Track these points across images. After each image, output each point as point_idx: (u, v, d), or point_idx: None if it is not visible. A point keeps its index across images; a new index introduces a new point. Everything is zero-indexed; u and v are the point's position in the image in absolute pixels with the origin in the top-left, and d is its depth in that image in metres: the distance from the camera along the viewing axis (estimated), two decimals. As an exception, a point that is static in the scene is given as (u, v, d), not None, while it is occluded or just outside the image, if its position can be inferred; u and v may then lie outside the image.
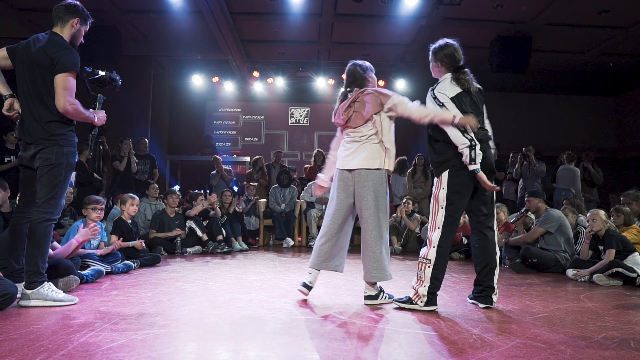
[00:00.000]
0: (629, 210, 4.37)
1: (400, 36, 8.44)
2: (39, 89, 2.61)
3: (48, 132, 2.60)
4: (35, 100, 2.62)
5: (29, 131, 2.62)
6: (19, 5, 7.40)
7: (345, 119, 2.94)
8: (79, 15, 2.75)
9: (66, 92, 2.58)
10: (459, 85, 2.81)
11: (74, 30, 2.75)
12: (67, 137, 2.67)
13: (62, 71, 2.57)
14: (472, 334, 2.11)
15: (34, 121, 2.61)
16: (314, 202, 6.98)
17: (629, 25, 7.75)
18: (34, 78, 2.62)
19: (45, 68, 2.59)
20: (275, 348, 1.88)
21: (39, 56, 2.59)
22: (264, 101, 11.48)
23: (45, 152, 2.59)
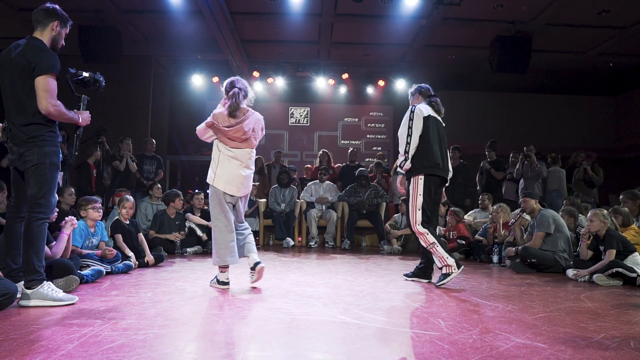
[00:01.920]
0: (627, 210, 4.37)
1: (400, 36, 8.44)
2: (18, 93, 2.64)
3: (27, 134, 2.62)
4: (14, 105, 2.65)
5: (12, 135, 2.67)
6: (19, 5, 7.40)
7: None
8: (59, 18, 2.77)
9: (47, 94, 2.60)
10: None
11: (54, 34, 2.76)
12: (46, 137, 2.67)
13: (41, 73, 2.59)
14: (472, 334, 2.11)
15: (14, 125, 2.65)
16: (314, 202, 6.98)
17: (629, 25, 7.75)
18: (14, 83, 2.65)
19: (25, 72, 2.61)
20: (275, 348, 1.88)
21: (18, 61, 2.61)
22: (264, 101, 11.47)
23: (26, 155, 2.62)
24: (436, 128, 3.60)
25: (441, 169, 3.58)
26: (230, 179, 3.25)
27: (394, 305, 2.75)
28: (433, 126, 3.57)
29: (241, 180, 3.28)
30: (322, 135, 11.97)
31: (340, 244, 6.81)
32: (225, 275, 3.26)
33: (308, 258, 5.34)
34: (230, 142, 3.25)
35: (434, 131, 3.57)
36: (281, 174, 7.14)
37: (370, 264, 4.86)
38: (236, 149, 3.26)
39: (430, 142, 3.54)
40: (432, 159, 3.53)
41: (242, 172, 3.29)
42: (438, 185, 3.64)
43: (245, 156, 3.30)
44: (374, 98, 11.39)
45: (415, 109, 3.57)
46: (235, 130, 3.20)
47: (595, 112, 10.95)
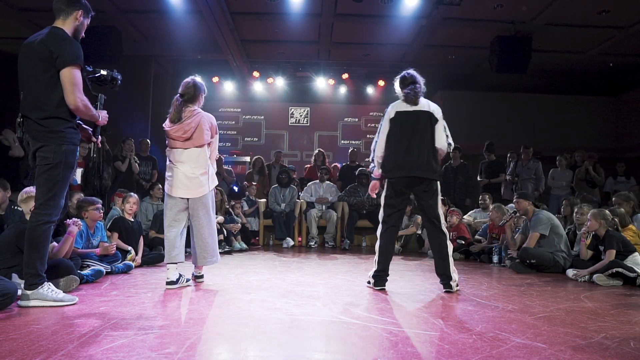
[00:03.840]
0: (623, 211, 4.37)
1: (400, 36, 8.43)
2: (39, 84, 2.53)
3: (46, 128, 2.51)
4: (33, 97, 2.54)
5: (28, 129, 2.57)
6: (19, 5, 7.40)
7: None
8: (82, 7, 2.67)
9: (74, 87, 2.51)
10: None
11: (77, 23, 2.66)
12: (66, 134, 2.57)
13: (65, 65, 2.49)
14: (472, 334, 2.11)
15: (31, 119, 2.54)
16: (314, 202, 6.98)
17: (629, 25, 7.75)
18: (35, 74, 2.55)
19: (47, 62, 2.50)
20: (275, 348, 1.88)
21: (39, 50, 2.51)
22: (264, 101, 11.47)
23: (43, 151, 2.52)
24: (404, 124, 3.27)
25: (403, 168, 3.25)
26: (175, 181, 3.27)
27: (394, 305, 2.75)
28: (399, 123, 3.28)
29: (184, 181, 3.25)
30: (322, 135, 11.97)
31: (340, 244, 6.81)
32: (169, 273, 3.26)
33: (308, 258, 5.34)
34: (172, 142, 3.30)
35: (396, 128, 3.28)
36: (281, 173, 7.14)
37: (370, 264, 4.84)
38: (181, 149, 3.27)
39: (392, 143, 3.30)
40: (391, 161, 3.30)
41: (189, 172, 3.25)
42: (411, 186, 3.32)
43: (192, 156, 3.27)
44: (374, 98, 11.39)
45: (386, 111, 3.38)
46: (175, 130, 3.25)
47: (595, 112, 10.94)
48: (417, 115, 3.29)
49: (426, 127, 3.28)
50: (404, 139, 3.26)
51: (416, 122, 3.28)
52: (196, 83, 3.37)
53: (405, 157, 3.24)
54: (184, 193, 3.27)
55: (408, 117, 3.29)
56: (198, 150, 3.28)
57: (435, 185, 3.33)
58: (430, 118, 3.29)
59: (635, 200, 4.82)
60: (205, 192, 3.30)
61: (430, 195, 3.31)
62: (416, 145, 3.24)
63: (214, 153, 3.42)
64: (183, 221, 3.35)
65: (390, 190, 3.39)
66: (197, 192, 3.28)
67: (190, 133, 3.24)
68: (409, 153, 3.24)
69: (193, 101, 3.35)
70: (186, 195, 3.28)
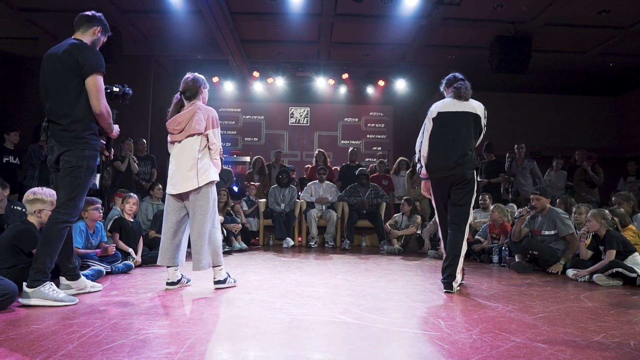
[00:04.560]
0: (623, 211, 4.37)
1: (400, 36, 8.44)
2: (66, 92, 2.67)
3: (71, 134, 2.66)
4: (60, 104, 2.67)
5: (54, 134, 2.70)
6: (19, 5, 7.40)
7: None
8: (102, 25, 2.91)
9: (100, 94, 2.69)
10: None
11: (95, 38, 2.87)
12: (89, 140, 2.72)
13: (90, 73, 2.66)
14: (472, 334, 2.11)
15: (58, 124, 2.67)
16: (314, 202, 6.98)
17: (629, 25, 7.75)
18: (62, 82, 2.68)
19: (73, 70, 2.65)
20: (275, 348, 1.88)
21: (66, 59, 2.66)
22: (264, 101, 11.48)
23: (67, 155, 2.66)
24: (445, 125, 3.38)
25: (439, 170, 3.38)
26: (171, 177, 3.20)
27: (394, 305, 2.75)
28: (441, 123, 3.39)
29: (173, 176, 3.17)
30: (322, 135, 11.97)
31: (340, 244, 6.81)
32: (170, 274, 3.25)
33: (308, 258, 5.34)
34: (170, 136, 3.25)
35: (438, 131, 3.40)
36: (280, 173, 7.14)
37: (370, 264, 4.86)
38: (178, 142, 3.21)
39: (432, 143, 3.42)
40: (432, 163, 3.43)
41: (176, 166, 3.17)
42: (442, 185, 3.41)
43: (186, 148, 3.16)
44: (374, 98, 11.40)
45: (429, 111, 3.49)
46: (170, 122, 3.22)
47: (595, 112, 10.94)
48: (460, 116, 3.38)
49: (468, 128, 3.38)
50: (445, 139, 3.38)
51: (459, 122, 3.38)
52: (196, 77, 3.30)
53: (445, 157, 3.35)
54: (172, 189, 3.17)
55: (450, 117, 3.39)
56: (189, 141, 3.15)
57: (471, 185, 3.38)
58: (475, 119, 3.40)
59: (635, 200, 4.81)
60: (189, 187, 3.09)
61: (464, 193, 3.37)
62: (457, 145, 3.34)
63: (214, 146, 3.22)
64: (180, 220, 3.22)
65: (436, 190, 3.49)
66: (183, 186, 3.11)
67: (183, 125, 3.16)
68: (448, 152, 3.35)
69: (195, 97, 3.27)
70: (173, 190, 3.16)
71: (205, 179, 3.13)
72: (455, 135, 3.36)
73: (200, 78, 3.33)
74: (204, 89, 3.34)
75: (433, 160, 3.41)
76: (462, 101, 3.41)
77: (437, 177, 3.42)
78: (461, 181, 3.34)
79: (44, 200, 3.07)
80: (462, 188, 3.35)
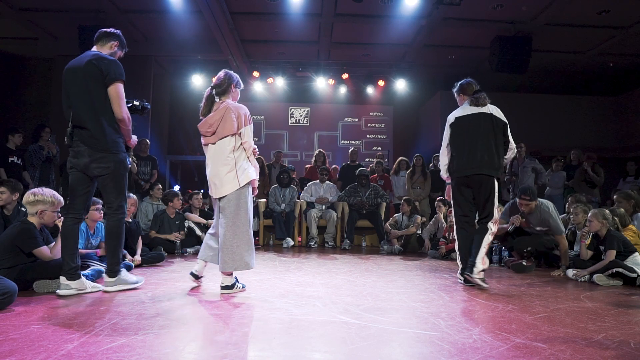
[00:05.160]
0: (623, 211, 4.37)
1: (400, 36, 8.44)
2: (93, 100, 2.85)
3: (104, 140, 2.85)
4: (89, 111, 2.85)
5: (83, 140, 2.85)
6: (19, 5, 7.40)
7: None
8: (119, 40, 3.10)
9: (121, 101, 2.89)
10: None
11: (112, 52, 3.05)
12: (119, 143, 2.94)
13: (113, 81, 2.85)
14: (472, 334, 2.11)
15: (87, 130, 2.84)
16: (314, 202, 6.98)
17: (629, 25, 7.75)
18: (88, 90, 2.85)
19: (98, 79, 2.84)
20: (275, 348, 1.88)
21: (91, 69, 2.84)
22: (264, 101, 11.48)
23: (103, 161, 2.85)
24: (465, 128, 3.58)
25: (465, 168, 3.54)
26: (210, 180, 3.14)
27: (394, 305, 2.75)
28: (461, 126, 3.59)
29: (212, 179, 3.09)
30: (322, 135, 11.97)
31: (340, 244, 6.81)
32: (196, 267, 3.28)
33: (308, 258, 5.34)
34: (203, 138, 3.15)
35: (460, 132, 3.59)
36: (281, 173, 7.14)
37: (370, 264, 4.86)
38: (211, 144, 3.10)
39: (456, 145, 3.60)
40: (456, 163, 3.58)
41: (213, 169, 3.08)
42: (466, 185, 3.59)
43: (220, 150, 3.05)
44: (374, 98, 11.40)
45: (447, 120, 3.69)
46: (202, 125, 3.11)
47: (595, 112, 10.94)
48: (477, 117, 3.57)
49: (487, 128, 3.55)
50: (465, 140, 3.56)
51: (476, 123, 3.56)
52: (229, 74, 3.20)
53: (468, 156, 3.52)
54: (213, 192, 3.11)
55: (467, 119, 3.58)
56: (223, 142, 3.04)
57: (492, 182, 3.54)
58: (491, 119, 3.57)
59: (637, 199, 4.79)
60: (231, 189, 3.02)
61: (488, 191, 3.53)
62: (479, 145, 3.51)
63: (246, 145, 3.10)
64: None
65: (456, 191, 3.64)
66: (222, 190, 3.04)
67: (215, 127, 3.04)
68: (472, 151, 3.51)
69: (225, 93, 3.17)
70: (215, 194, 3.10)
71: (246, 178, 3.06)
72: (475, 135, 3.54)
73: (234, 76, 3.24)
74: (235, 88, 3.23)
75: (459, 160, 3.56)
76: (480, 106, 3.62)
77: (464, 175, 3.56)
78: (486, 180, 3.52)
79: (44, 201, 3.07)
80: (487, 186, 3.53)
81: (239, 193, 3.04)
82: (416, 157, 7.52)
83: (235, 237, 3.01)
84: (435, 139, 10.66)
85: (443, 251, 5.63)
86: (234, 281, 3.10)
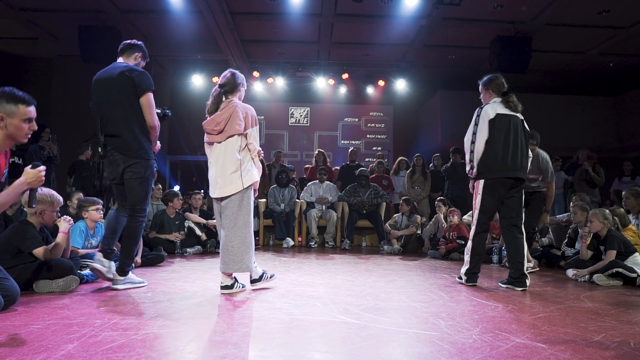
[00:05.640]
0: (623, 211, 4.36)
1: (400, 36, 8.45)
2: (126, 109, 3.01)
3: (137, 146, 3.01)
4: (122, 120, 3.00)
5: (117, 147, 3.02)
6: (19, 5, 7.40)
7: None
8: (142, 52, 3.27)
9: (152, 109, 3.05)
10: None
11: (136, 62, 3.22)
12: (149, 150, 3.10)
13: (145, 92, 3.01)
14: (472, 334, 2.11)
15: (121, 138, 3.00)
16: (313, 202, 6.98)
17: (629, 25, 7.76)
18: (121, 100, 3.00)
19: (130, 90, 2.99)
20: (275, 348, 1.88)
21: (123, 80, 2.99)
22: (264, 101, 11.48)
23: (136, 167, 3.02)
24: (506, 127, 3.41)
25: (506, 170, 3.38)
26: (214, 180, 3.07)
27: (394, 305, 2.75)
28: (501, 126, 3.40)
29: (215, 179, 3.04)
30: (322, 135, 11.97)
31: (340, 244, 6.81)
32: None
33: (308, 258, 5.34)
34: (208, 136, 3.10)
35: (500, 132, 3.39)
36: (279, 173, 7.14)
37: (370, 264, 4.86)
38: (216, 143, 3.06)
39: (494, 144, 3.39)
40: (494, 163, 3.39)
41: (218, 169, 3.04)
42: (508, 187, 3.45)
43: (226, 149, 3.02)
44: (374, 98, 11.40)
45: (482, 112, 3.46)
46: (208, 122, 3.06)
47: (595, 112, 10.94)
48: (515, 119, 3.48)
49: (522, 132, 3.50)
50: (509, 141, 3.40)
51: (515, 125, 3.45)
52: (235, 73, 3.18)
53: (513, 160, 3.39)
54: (215, 192, 3.05)
55: (507, 120, 3.44)
56: (229, 142, 3.02)
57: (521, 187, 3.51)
58: (524, 126, 3.53)
59: None
60: (235, 190, 3.00)
61: (521, 195, 3.52)
62: (518, 150, 3.43)
63: (252, 146, 3.10)
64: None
65: (488, 192, 3.45)
66: (226, 190, 3.01)
67: (222, 125, 3.00)
68: (515, 156, 3.41)
69: (232, 92, 3.14)
70: (215, 194, 3.06)
71: (249, 180, 3.05)
72: (516, 138, 3.44)
73: (241, 75, 3.23)
74: (242, 88, 3.21)
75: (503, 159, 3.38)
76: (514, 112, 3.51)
77: (505, 177, 3.41)
78: (519, 184, 3.48)
79: (44, 201, 3.07)
80: (518, 190, 3.50)
81: (242, 194, 3.03)
82: (416, 157, 7.53)
83: (236, 238, 3.01)
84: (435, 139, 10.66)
85: (443, 251, 5.63)
86: (233, 281, 3.10)
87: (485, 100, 3.64)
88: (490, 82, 3.64)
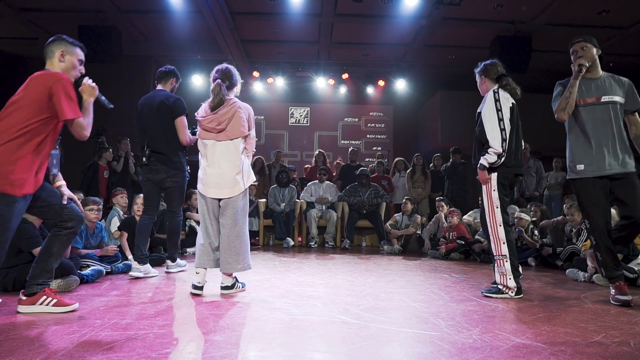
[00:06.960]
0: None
1: (400, 36, 8.44)
2: (166, 130, 3.73)
3: (176, 160, 3.76)
4: (164, 138, 3.73)
5: (161, 160, 3.72)
6: (19, 5, 7.40)
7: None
8: (176, 76, 3.97)
9: (185, 130, 3.76)
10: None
11: (172, 87, 3.95)
12: (184, 163, 3.86)
13: (179, 115, 3.73)
14: (472, 334, 2.11)
15: (162, 154, 3.72)
16: (314, 202, 6.98)
17: (629, 25, 7.75)
18: (162, 123, 3.72)
19: (169, 115, 3.71)
20: (275, 348, 1.88)
21: (164, 107, 3.72)
22: (264, 101, 11.48)
23: (175, 177, 3.76)
24: (516, 118, 3.20)
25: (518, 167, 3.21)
26: (208, 179, 3.00)
27: (394, 305, 2.75)
28: (513, 115, 3.17)
29: (215, 179, 2.98)
30: (322, 135, 11.97)
31: (340, 244, 6.81)
32: (197, 278, 3.02)
33: (308, 258, 5.34)
34: (205, 133, 3.02)
35: (513, 123, 3.16)
36: (279, 173, 7.14)
37: (370, 264, 4.86)
38: (213, 141, 2.99)
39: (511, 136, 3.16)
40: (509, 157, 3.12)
41: (219, 169, 2.97)
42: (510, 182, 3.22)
43: (226, 151, 2.98)
44: (374, 98, 11.40)
45: (500, 95, 3.13)
46: (209, 120, 2.98)
47: (595, 112, 10.92)
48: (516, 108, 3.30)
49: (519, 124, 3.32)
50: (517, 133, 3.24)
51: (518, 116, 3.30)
52: (230, 67, 3.15)
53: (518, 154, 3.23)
54: (216, 193, 2.99)
55: (516, 110, 3.26)
56: (233, 143, 2.97)
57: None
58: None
59: None
60: (238, 191, 2.99)
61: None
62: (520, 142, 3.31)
63: (250, 147, 3.10)
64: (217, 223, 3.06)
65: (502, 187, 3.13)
66: (231, 191, 2.98)
67: (225, 124, 2.95)
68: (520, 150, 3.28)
69: (232, 87, 3.12)
70: (218, 195, 2.99)
71: (250, 181, 3.06)
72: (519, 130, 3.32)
73: (235, 70, 3.22)
74: (239, 83, 3.22)
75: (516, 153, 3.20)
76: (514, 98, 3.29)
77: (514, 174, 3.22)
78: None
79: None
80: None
81: (243, 195, 3.04)
82: (416, 157, 7.53)
83: (238, 238, 3.00)
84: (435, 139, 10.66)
85: (443, 251, 5.63)
86: (234, 281, 3.10)
87: (484, 90, 3.34)
88: (489, 69, 3.36)
